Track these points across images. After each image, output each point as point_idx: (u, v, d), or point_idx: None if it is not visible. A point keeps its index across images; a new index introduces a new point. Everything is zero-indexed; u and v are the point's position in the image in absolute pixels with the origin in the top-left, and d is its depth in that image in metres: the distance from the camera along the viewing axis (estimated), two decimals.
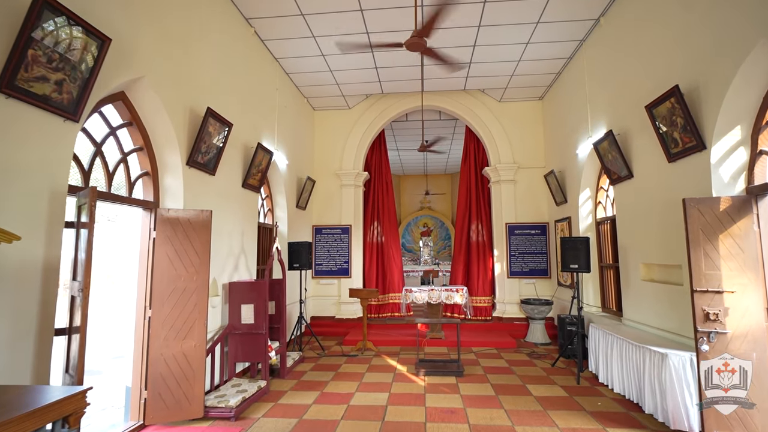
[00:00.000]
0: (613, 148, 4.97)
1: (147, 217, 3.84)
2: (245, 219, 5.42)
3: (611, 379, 4.52)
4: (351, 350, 6.52)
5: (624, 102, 4.98)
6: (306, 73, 7.12)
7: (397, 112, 8.63)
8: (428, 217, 15.75)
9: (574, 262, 5.23)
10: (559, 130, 7.37)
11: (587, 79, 6.03)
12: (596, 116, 5.78)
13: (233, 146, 5.06)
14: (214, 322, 4.55)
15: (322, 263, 8.49)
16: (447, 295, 6.90)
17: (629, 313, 4.97)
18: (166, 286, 3.73)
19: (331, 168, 8.69)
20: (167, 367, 3.65)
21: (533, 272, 8.06)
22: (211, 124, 4.25)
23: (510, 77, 7.34)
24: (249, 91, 5.61)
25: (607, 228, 6.02)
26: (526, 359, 5.95)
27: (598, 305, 6.21)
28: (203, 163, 4.31)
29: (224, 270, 4.81)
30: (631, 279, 4.91)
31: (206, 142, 4.26)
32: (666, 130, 3.97)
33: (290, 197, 7.21)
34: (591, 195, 6.38)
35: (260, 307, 4.62)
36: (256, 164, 5.50)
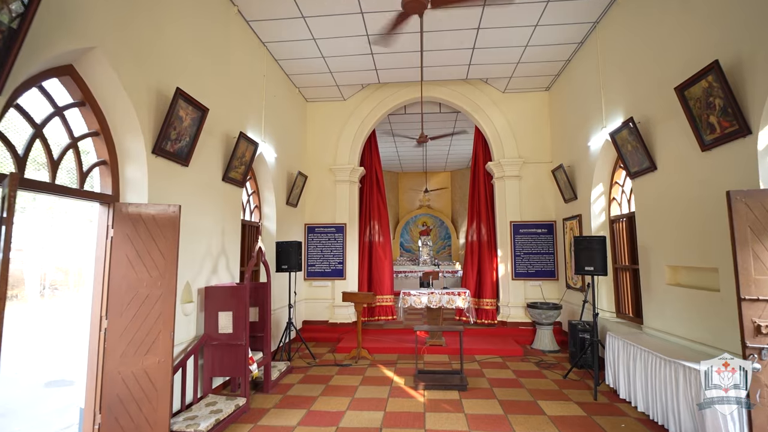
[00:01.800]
0: (632, 137, 4.47)
1: (104, 213, 3.33)
2: (227, 216, 4.91)
3: (633, 395, 4.03)
4: (344, 359, 6.02)
5: (645, 86, 4.48)
6: (296, 60, 6.61)
7: (394, 103, 8.13)
8: (427, 215, 15.26)
9: (588, 264, 4.73)
10: (568, 122, 6.87)
11: (601, 64, 5.53)
12: (611, 104, 5.28)
13: (211, 135, 4.55)
14: (188, 331, 4.04)
15: (315, 264, 7.99)
16: (448, 298, 6.40)
17: (651, 321, 4.48)
18: (126, 292, 3.23)
19: (325, 163, 8.18)
20: (125, 388, 3.15)
21: (539, 274, 7.57)
22: (181, 107, 3.74)
23: (516, 65, 6.84)
24: (231, 76, 5.10)
25: (622, 226, 5.53)
26: (535, 369, 5.45)
27: (612, 310, 5.72)
28: (174, 152, 3.80)
29: (201, 273, 4.30)
30: (653, 283, 4.42)
31: (176, 128, 3.75)
32: (700, 114, 3.47)
33: (279, 193, 6.70)
34: (604, 191, 5.89)
35: (240, 314, 4.11)
36: (239, 156, 5.00)
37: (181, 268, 3.89)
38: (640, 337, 4.28)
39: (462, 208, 14.85)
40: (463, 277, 8.22)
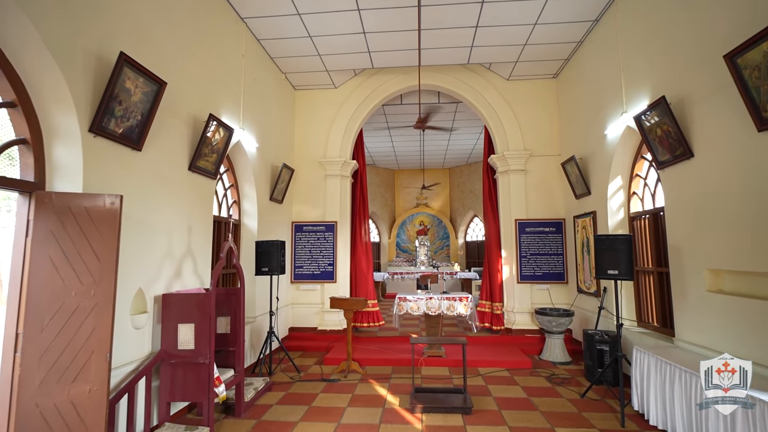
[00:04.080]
0: (665, 119, 3.85)
1: (24, 205, 2.67)
2: (195, 211, 4.26)
3: (669, 423, 3.40)
4: (332, 372, 5.37)
5: (678, 60, 3.87)
6: (281, 40, 5.96)
7: (390, 91, 7.49)
8: (425, 214, 14.64)
9: (612, 266, 4.11)
10: (580, 110, 6.26)
11: (621, 41, 4.92)
12: (633, 86, 4.67)
13: (175, 116, 3.90)
14: (139, 348, 3.39)
15: (302, 266, 7.33)
16: (448, 304, 5.77)
17: (685, 333, 3.86)
18: (49, 304, 2.57)
19: (315, 156, 7.53)
20: (45, 425, 2.49)
21: (547, 276, 6.95)
22: (128, 77, 3.09)
23: (522, 47, 6.21)
24: (202, 51, 4.45)
25: (644, 224, 4.92)
26: (547, 386, 4.83)
27: (632, 318, 5.10)
28: (120, 132, 3.15)
29: (158, 277, 3.64)
30: (689, 289, 3.81)
31: (123, 104, 3.10)
32: (758, 86, 2.86)
33: (262, 188, 6.05)
34: (623, 185, 5.28)
35: (203, 326, 3.46)
36: (210, 142, 4.35)
37: (131, 272, 3.25)
38: (674, 353, 3.66)
39: (461, 206, 14.24)
40: (483, 285, 7.55)
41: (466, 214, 14.08)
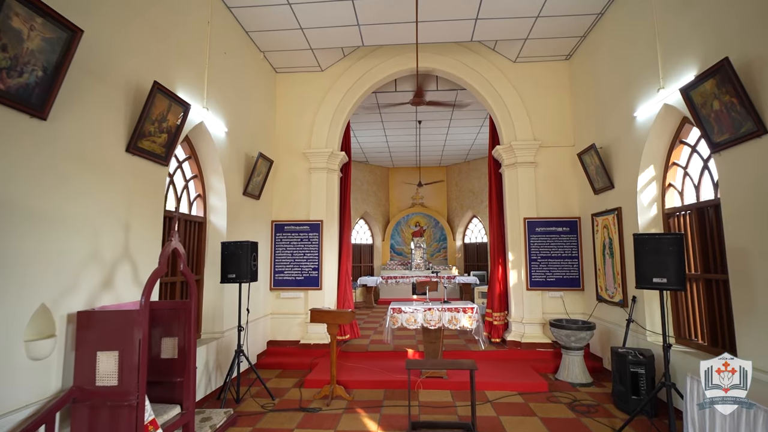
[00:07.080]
0: (727, 87, 3.06)
1: None
2: (134, 204, 3.39)
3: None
4: (313, 398, 4.50)
5: (740, 14, 3.09)
6: (254, 8, 5.12)
7: (383, 75, 6.68)
8: (421, 214, 13.82)
9: (658, 273, 3.29)
10: (600, 93, 5.47)
11: (656, 4, 4.14)
12: (675, 54, 3.88)
13: (102, 80, 3.03)
14: (42, 385, 2.51)
15: (283, 271, 6.46)
16: (450, 317, 4.93)
17: (755, 357, 3.05)
18: None
19: (298, 146, 6.68)
20: None
21: (560, 282, 6.14)
22: (16, 12, 2.23)
23: (534, 19, 5.41)
24: (146, 6, 3.59)
25: (686, 221, 4.13)
26: (571, 416, 4.00)
27: (670, 334, 4.30)
28: (7, 89, 2.28)
29: (75, 288, 2.77)
30: (759, 301, 3.00)
31: (7, 50, 2.24)
32: None
33: (233, 180, 5.19)
34: (656, 175, 4.49)
35: (128, 354, 2.59)
36: (156, 117, 3.48)
37: (27, 281, 2.38)
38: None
39: (459, 206, 13.44)
40: (489, 293, 6.74)
41: (465, 214, 13.28)
